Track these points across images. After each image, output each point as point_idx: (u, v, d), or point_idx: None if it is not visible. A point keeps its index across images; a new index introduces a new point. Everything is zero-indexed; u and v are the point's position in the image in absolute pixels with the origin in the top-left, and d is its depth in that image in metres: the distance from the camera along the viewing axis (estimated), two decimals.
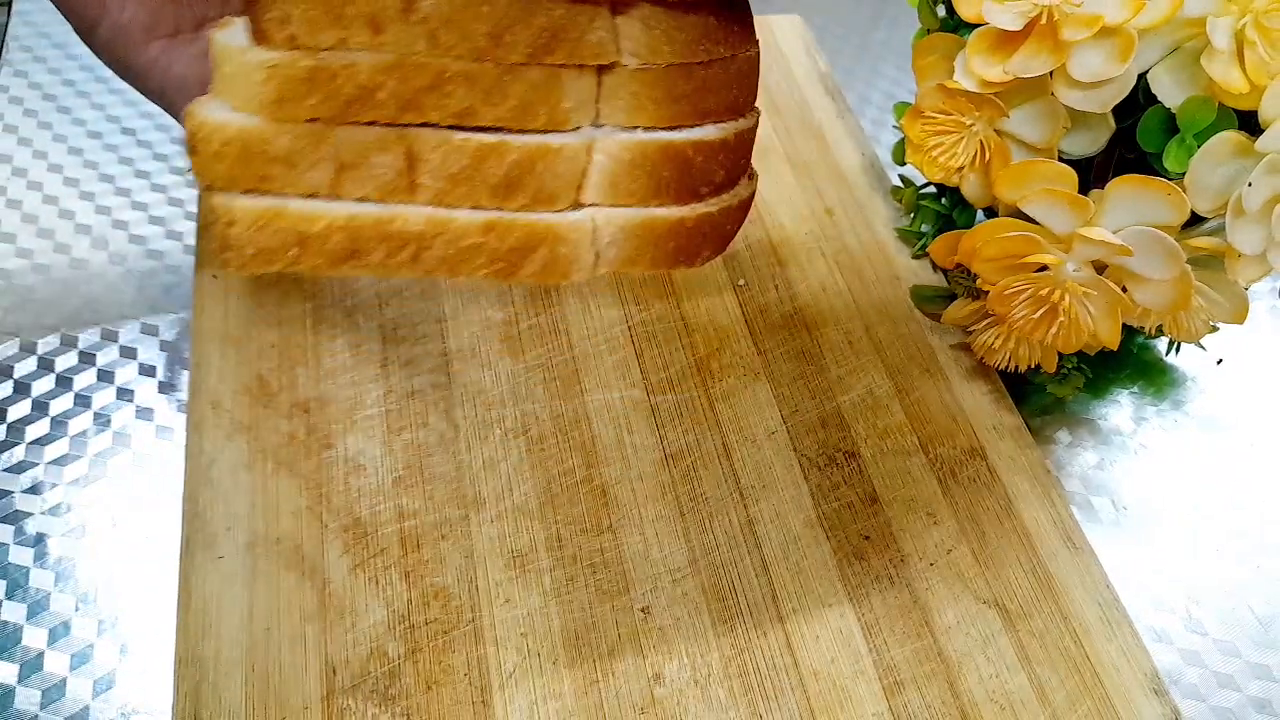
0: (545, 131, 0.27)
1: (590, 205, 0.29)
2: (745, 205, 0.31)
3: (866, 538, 0.43)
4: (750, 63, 0.30)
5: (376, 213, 0.27)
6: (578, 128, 0.28)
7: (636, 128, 0.28)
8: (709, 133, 0.29)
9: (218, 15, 0.36)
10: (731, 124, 0.30)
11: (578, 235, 0.28)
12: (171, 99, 0.37)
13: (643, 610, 0.40)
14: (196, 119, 0.25)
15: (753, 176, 0.31)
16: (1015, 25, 0.40)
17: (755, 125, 0.31)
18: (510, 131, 0.27)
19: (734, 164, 0.30)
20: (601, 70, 0.27)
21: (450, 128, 0.26)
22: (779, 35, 0.63)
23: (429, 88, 0.26)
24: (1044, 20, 0.39)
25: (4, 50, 0.59)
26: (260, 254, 0.27)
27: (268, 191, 0.27)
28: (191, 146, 0.26)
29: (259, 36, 0.25)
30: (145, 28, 0.35)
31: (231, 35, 0.26)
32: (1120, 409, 0.51)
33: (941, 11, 0.48)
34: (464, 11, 0.25)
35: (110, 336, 0.48)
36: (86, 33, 0.35)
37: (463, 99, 0.26)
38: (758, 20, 0.31)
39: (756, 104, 0.32)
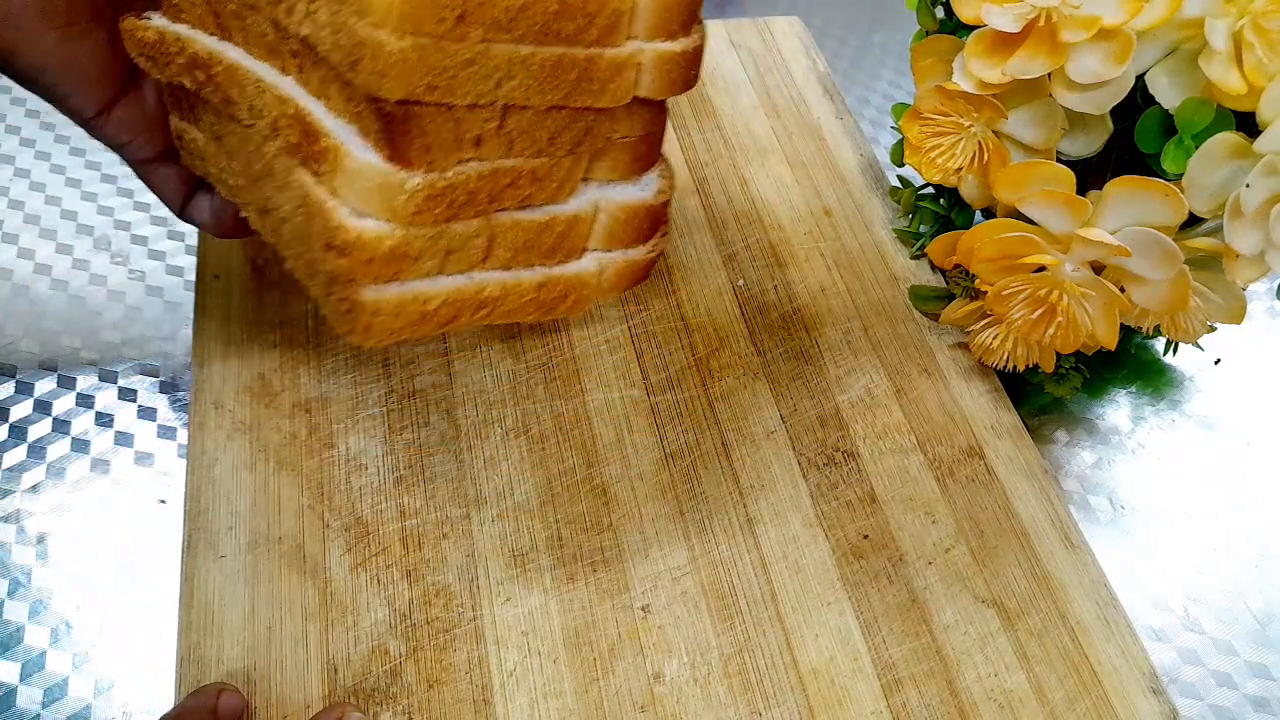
0: (568, 200, 0.36)
1: (592, 251, 0.38)
2: (664, 236, 0.42)
3: (865, 537, 0.43)
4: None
5: (469, 284, 0.34)
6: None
7: (612, 181, 0.37)
8: (663, 188, 0.39)
9: (110, 4, 0.34)
10: (666, 178, 0.40)
11: (593, 280, 0.38)
12: (67, 92, 0.34)
13: (643, 609, 0.40)
14: (353, 231, 0.31)
15: (665, 233, 0.42)
16: (1014, 27, 0.40)
17: (673, 181, 0.41)
18: (552, 205, 0.35)
19: (667, 209, 0.40)
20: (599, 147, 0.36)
21: (518, 210, 0.34)
22: (778, 36, 0.64)
23: (509, 185, 0.33)
24: (1042, 22, 0.39)
25: None
26: (393, 333, 0.34)
27: (394, 280, 0.33)
28: (343, 250, 0.31)
29: (403, 161, 0.30)
30: (40, 14, 0.32)
31: (361, 152, 0.30)
32: (1118, 409, 0.51)
33: (940, 13, 0.48)
34: (533, 124, 0.32)
35: (112, 337, 0.48)
36: None
37: (526, 189, 0.34)
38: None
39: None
